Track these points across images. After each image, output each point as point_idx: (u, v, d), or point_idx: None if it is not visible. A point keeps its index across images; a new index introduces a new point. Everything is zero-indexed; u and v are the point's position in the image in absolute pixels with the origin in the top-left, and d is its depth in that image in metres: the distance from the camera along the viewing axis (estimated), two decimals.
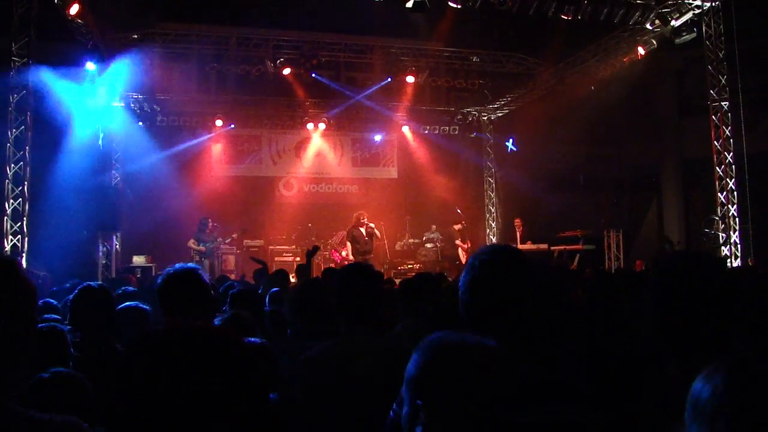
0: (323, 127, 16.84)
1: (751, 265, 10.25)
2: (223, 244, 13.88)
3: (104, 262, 13.49)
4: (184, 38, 13.28)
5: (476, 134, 17.87)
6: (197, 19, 14.10)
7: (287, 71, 13.57)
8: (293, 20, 14.51)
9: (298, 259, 14.29)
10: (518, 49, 14.52)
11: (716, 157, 11.32)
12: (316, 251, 7.77)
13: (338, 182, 17.77)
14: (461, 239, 14.94)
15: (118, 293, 4.46)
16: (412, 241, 16.42)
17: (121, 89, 13.94)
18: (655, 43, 12.30)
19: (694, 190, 17.32)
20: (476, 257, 1.84)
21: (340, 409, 2.43)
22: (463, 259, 14.15)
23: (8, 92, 9.62)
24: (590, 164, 17.25)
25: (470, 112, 17.37)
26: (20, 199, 9.76)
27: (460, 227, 15.07)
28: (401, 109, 16.48)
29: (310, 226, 15.50)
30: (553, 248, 14.07)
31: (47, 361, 2.29)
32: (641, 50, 12.48)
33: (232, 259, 14.78)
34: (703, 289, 1.60)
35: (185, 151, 15.82)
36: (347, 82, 16.41)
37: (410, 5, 10.31)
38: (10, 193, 9.71)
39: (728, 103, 11.17)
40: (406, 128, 17.55)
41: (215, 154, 16.80)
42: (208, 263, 13.23)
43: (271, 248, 15.34)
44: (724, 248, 11.14)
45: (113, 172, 14.88)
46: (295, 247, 15.31)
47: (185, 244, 13.35)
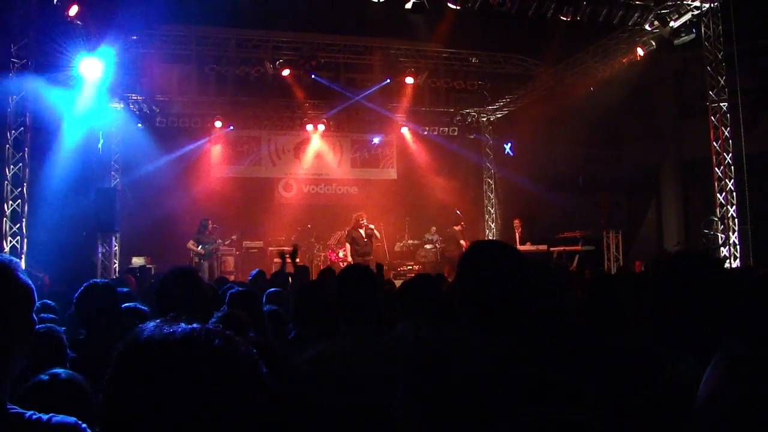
0: (322, 128, 16.86)
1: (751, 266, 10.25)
2: (222, 245, 13.88)
3: (101, 260, 13.47)
4: (183, 40, 13.29)
5: (475, 136, 17.89)
6: (196, 20, 14.08)
7: (286, 72, 13.58)
8: (292, 21, 14.49)
9: (297, 260, 14.27)
10: (517, 50, 14.53)
11: (715, 157, 11.32)
12: (295, 253, 7.95)
13: (338, 183, 17.76)
14: (449, 241, 14.95)
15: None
16: (411, 242, 16.43)
17: (120, 91, 13.94)
18: (654, 44, 12.32)
19: (693, 190, 17.32)
20: (462, 257, 1.86)
21: (339, 410, 2.42)
22: None
23: (7, 94, 9.62)
24: (589, 165, 17.24)
25: (469, 113, 17.38)
26: (19, 200, 9.76)
27: (460, 228, 15.06)
28: (400, 110, 16.48)
29: (309, 227, 15.50)
30: (552, 249, 14.07)
31: (43, 362, 2.29)
32: (640, 51, 12.49)
33: (231, 260, 14.79)
34: (701, 289, 1.60)
35: (184, 152, 15.83)
36: (346, 83, 16.41)
37: (409, 6, 10.33)
38: (9, 194, 9.71)
39: (727, 103, 11.18)
40: (405, 129, 17.57)
41: (214, 155, 16.80)
42: (207, 264, 13.24)
43: (270, 249, 15.33)
44: (723, 249, 11.14)
45: (112, 173, 14.89)
46: (291, 246, 15.29)
47: (184, 245, 13.35)
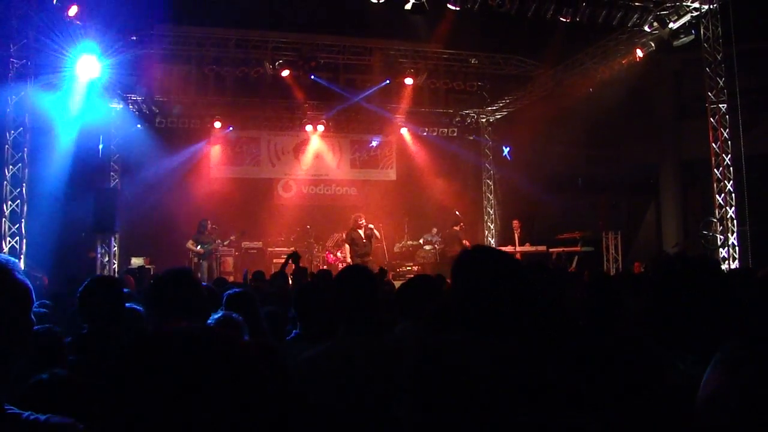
0: (322, 128, 16.87)
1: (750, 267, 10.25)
2: (221, 245, 13.87)
3: (103, 263, 13.46)
4: (182, 40, 13.28)
5: (474, 137, 17.89)
6: (196, 21, 14.08)
7: (286, 73, 13.58)
8: (292, 22, 14.49)
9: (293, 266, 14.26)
10: (517, 51, 14.53)
11: (714, 159, 11.33)
12: (298, 256, 7.91)
13: (337, 184, 17.76)
14: (451, 242, 14.92)
15: None
16: (410, 243, 16.43)
17: (119, 91, 13.94)
18: (653, 45, 12.33)
19: (692, 191, 17.33)
20: (457, 259, 1.87)
21: (339, 410, 2.43)
22: None
23: (6, 94, 9.62)
24: (589, 166, 17.26)
25: (469, 114, 17.39)
26: (18, 200, 9.75)
27: (460, 228, 15.07)
28: (400, 111, 16.48)
29: (308, 227, 15.49)
30: (551, 250, 14.07)
31: (42, 361, 2.29)
32: (639, 52, 12.50)
33: (230, 260, 14.77)
34: (700, 289, 1.60)
35: (184, 152, 15.84)
36: (346, 83, 16.40)
37: (409, 7, 10.33)
38: (8, 194, 9.71)
39: (726, 105, 11.19)
40: (404, 130, 17.58)
41: (214, 155, 16.80)
42: (206, 265, 13.23)
43: (269, 250, 15.33)
44: (721, 250, 11.14)
45: (112, 173, 14.89)
46: (293, 249, 15.28)
47: (184, 245, 13.34)
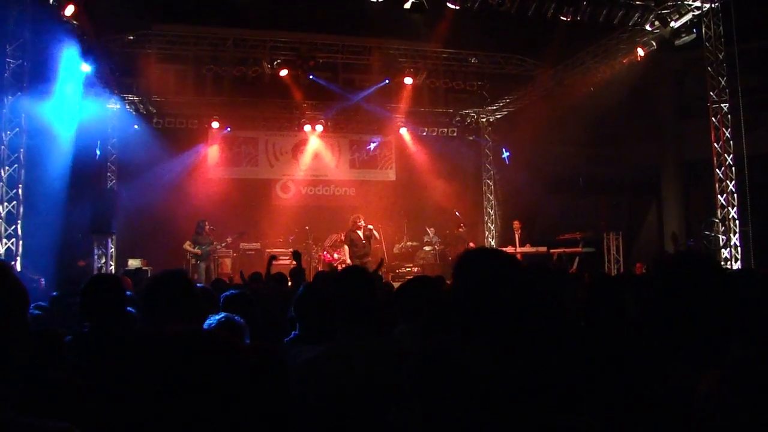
0: (321, 129, 16.87)
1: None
2: (219, 247, 13.85)
3: (100, 265, 13.47)
4: (180, 40, 13.29)
5: (474, 138, 17.89)
6: (193, 20, 14.08)
7: (284, 73, 13.58)
8: (290, 21, 14.48)
9: (294, 262, 14.26)
10: (517, 50, 14.54)
11: (716, 158, 11.33)
12: (299, 255, 7.91)
13: (336, 184, 17.76)
14: (458, 243, 14.92)
15: None
16: (410, 243, 16.42)
17: (116, 91, 13.94)
18: (654, 44, 12.34)
19: (694, 192, 17.33)
20: (458, 261, 1.88)
21: (337, 412, 2.43)
22: None
23: (2, 94, 9.62)
24: (590, 166, 17.26)
25: (468, 113, 17.39)
26: (14, 201, 9.75)
27: (464, 230, 15.10)
28: (399, 110, 16.48)
29: (307, 228, 15.48)
30: (552, 251, 14.07)
31: (41, 363, 2.28)
32: (641, 51, 12.51)
33: (228, 262, 14.76)
34: (702, 291, 1.60)
35: (181, 153, 15.82)
36: (345, 83, 16.41)
37: (408, 6, 10.34)
38: (4, 195, 9.71)
39: (728, 104, 11.19)
40: (404, 130, 17.57)
41: (211, 156, 16.78)
42: (204, 266, 13.22)
43: (267, 251, 15.30)
44: (724, 251, 11.15)
45: (108, 174, 14.89)
46: (292, 250, 15.28)
47: (181, 246, 13.33)
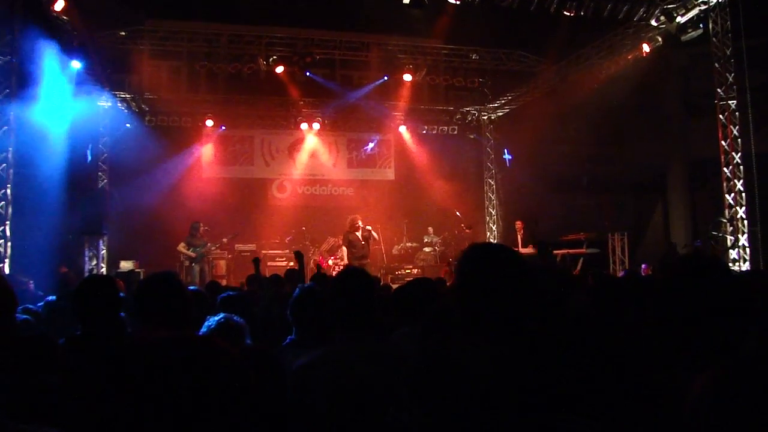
0: (317, 127, 16.87)
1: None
2: (214, 248, 13.84)
3: (91, 267, 13.46)
4: (173, 36, 13.29)
5: (475, 136, 17.90)
6: (187, 15, 14.10)
7: (280, 69, 13.58)
8: (286, 17, 14.50)
9: (291, 263, 14.27)
10: (519, 46, 14.55)
11: (724, 157, 11.33)
12: (301, 256, 7.84)
13: (333, 184, 17.77)
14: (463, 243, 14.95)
15: None
16: (409, 244, 16.43)
17: (108, 89, 13.93)
18: (660, 39, 12.33)
19: (700, 191, 17.35)
20: (462, 260, 1.88)
21: (334, 417, 2.43)
22: None
23: None
24: (594, 165, 17.29)
25: (469, 111, 17.40)
26: (3, 202, 9.74)
27: (471, 231, 15.16)
28: (398, 108, 16.50)
29: (304, 229, 15.49)
30: (555, 252, 14.08)
31: (34, 368, 2.29)
32: (646, 47, 12.51)
33: (223, 263, 14.75)
34: (709, 293, 1.61)
35: (174, 152, 15.81)
36: (342, 80, 16.43)
37: (407, 1, 10.34)
38: None
39: (736, 101, 11.19)
40: (403, 128, 17.58)
41: (206, 155, 16.79)
42: (198, 268, 13.21)
43: (264, 253, 15.30)
44: (732, 251, 11.15)
45: (100, 173, 14.87)
46: (288, 251, 15.27)
47: (175, 248, 13.33)
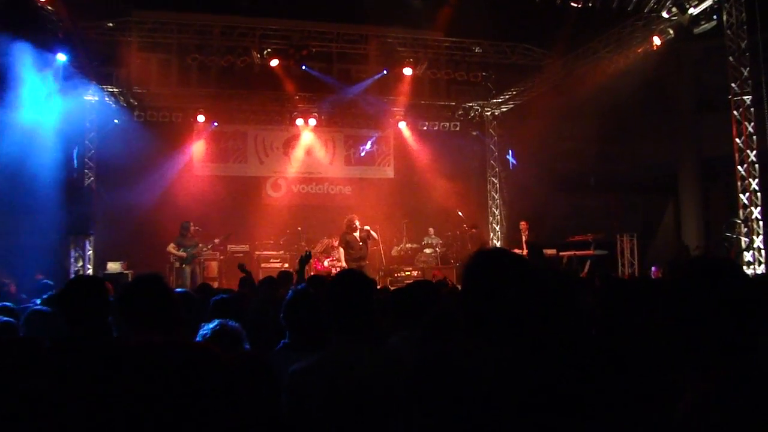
0: (314, 123, 16.88)
1: None
2: (205, 249, 13.82)
3: (77, 268, 13.46)
4: (163, 27, 13.27)
5: (478, 133, 17.91)
6: (177, 6, 14.09)
7: (275, 63, 13.57)
8: (282, 8, 14.49)
9: (286, 265, 14.28)
10: (524, 39, 14.55)
11: (738, 155, 11.34)
12: (309, 258, 7.68)
13: (330, 182, 17.77)
14: (470, 244, 14.93)
15: None
16: (409, 246, 16.41)
17: (95, 82, 13.92)
18: (671, 32, 12.32)
19: (713, 191, 17.37)
20: (468, 264, 1.89)
21: (332, 423, 2.43)
22: None
23: None
24: (602, 163, 17.29)
25: (472, 106, 17.40)
26: None
27: (476, 231, 15.19)
28: (398, 103, 16.50)
29: (299, 230, 15.49)
30: (562, 254, 14.10)
31: (22, 370, 2.29)
32: (657, 40, 12.50)
33: (215, 265, 14.74)
34: (722, 296, 1.60)
35: (164, 148, 15.79)
36: (340, 74, 16.42)
37: None
38: None
39: (751, 97, 11.18)
40: (403, 124, 17.57)
41: (197, 152, 16.77)
42: (189, 270, 13.20)
43: (257, 254, 15.31)
44: (746, 254, 11.15)
45: (86, 171, 14.86)
46: (283, 252, 15.29)
47: (164, 249, 13.32)
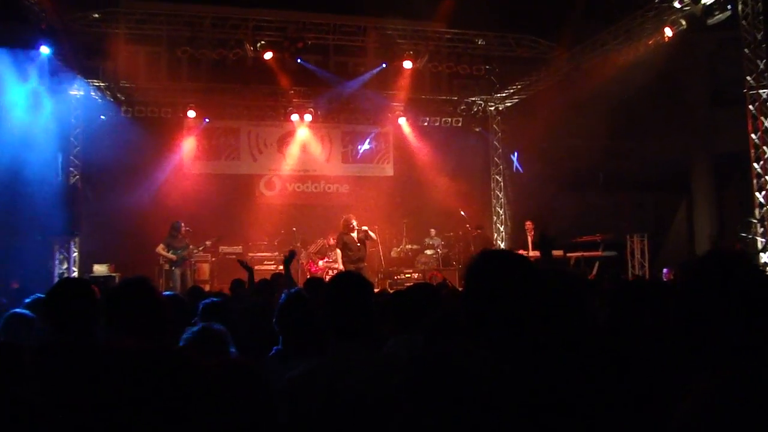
0: (309, 118, 16.86)
1: None
2: (196, 251, 13.82)
3: (61, 271, 13.45)
4: (151, 18, 13.28)
5: (481, 130, 17.91)
6: None
7: (269, 56, 13.58)
8: None
9: (281, 267, 14.28)
10: (529, 30, 14.58)
11: (753, 151, 11.35)
12: (293, 257, 7.72)
13: (326, 180, 17.77)
14: (473, 245, 14.96)
15: None
16: (409, 247, 16.42)
17: (80, 76, 13.92)
18: (684, 23, 12.33)
19: (727, 189, 17.38)
20: (471, 265, 1.91)
21: (331, 431, 2.44)
22: None
23: None
24: (611, 160, 17.28)
25: (475, 101, 17.41)
26: None
27: (481, 231, 15.23)
28: (397, 98, 16.51)
29: (294, 230, 15.49)
30: (569, 255, 14.09)
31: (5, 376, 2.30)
32: (669, 31, 12.51)
33: (206, 267, 14.74)
34: (736, 293, 1.60)
35: (153, 145, 15.78)
36: (337, 68, 16.43)
37: None
38: None
39: (767, 90, 11.22)
40: (403, 120, 17.57)
41: (188, 149, 16.76)
42: (179, 272, 13.19)
43: (251, 255, 15.31)
44: (762, 254, 11.17)
45: (71, 169, 14.85)
46: (277, 253, 15.28)
47: (153, 250, 13.31)
